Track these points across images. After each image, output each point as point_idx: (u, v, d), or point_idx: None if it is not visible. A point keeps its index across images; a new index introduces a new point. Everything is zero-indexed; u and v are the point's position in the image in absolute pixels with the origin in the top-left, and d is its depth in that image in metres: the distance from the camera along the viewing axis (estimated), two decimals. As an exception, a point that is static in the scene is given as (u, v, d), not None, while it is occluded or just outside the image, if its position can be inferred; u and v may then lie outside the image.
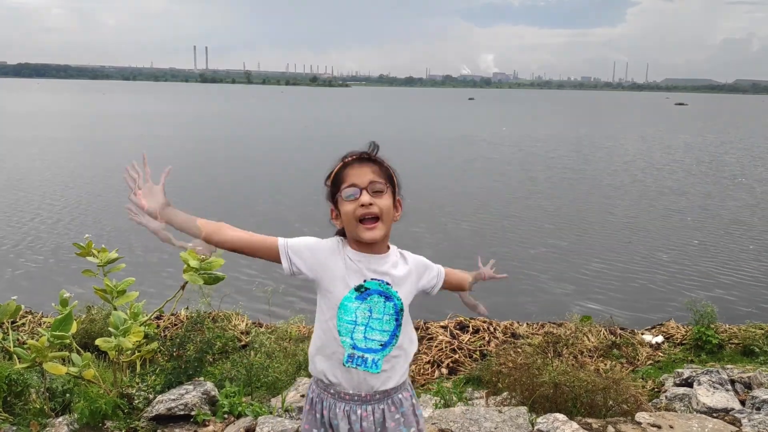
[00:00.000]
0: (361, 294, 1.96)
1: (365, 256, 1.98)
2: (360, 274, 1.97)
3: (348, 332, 1.96)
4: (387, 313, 1.98)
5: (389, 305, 1.98)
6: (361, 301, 1.96)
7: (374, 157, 2.01)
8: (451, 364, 6.70)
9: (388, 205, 1.96)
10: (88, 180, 19.65)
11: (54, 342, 3.25)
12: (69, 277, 10.01)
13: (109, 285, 3.79)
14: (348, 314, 1.96)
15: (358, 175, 1.95)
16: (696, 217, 15.88)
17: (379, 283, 1.97)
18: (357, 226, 1.93)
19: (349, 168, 1.97)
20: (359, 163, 1.98)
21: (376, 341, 1.97)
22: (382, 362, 1.98)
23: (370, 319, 1.97)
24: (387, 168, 2.01)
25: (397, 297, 1.99)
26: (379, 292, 1.97)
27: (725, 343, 7.01)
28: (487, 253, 12.14)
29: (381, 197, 1.94)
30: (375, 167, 1.98)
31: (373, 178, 1.95)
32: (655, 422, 3.69)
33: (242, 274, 10.18)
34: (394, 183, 2.03)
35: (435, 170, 23.46)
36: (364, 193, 1.92)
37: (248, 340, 6.38)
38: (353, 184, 1.94)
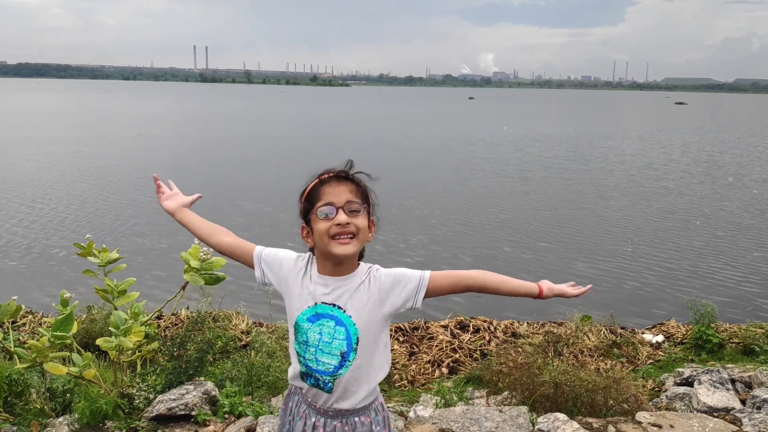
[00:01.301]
0: (313, 317, 1.96)
1: (325, 278, 1.97)
2: (313, 297, 1.97)
3: (302, 351, 1.99)
4: (337, 338, 1.95)
5: (340, 330, 1.95)
6: (312, 323, 1.96)
7: (352, 176, 1.97)
8: (452, 364, 6.70)
9: (364, 225, 1.94)
10: (89, 180, 19.66)
11: (55, 342, 3.25)
12: (69, 277, 10.02)
13: (110, 285, 3.79)
14: (301, 334, 1.98)
15: (335, 194, 1.92)
16: (697, 217, 15.88)
17: (330, 308, 1.95)
18: (329, 243, 1.90)
19: (325, 186, 1.94)
20: (336, 181, 1.94)
21: (327, 364, 1.96)
22: (332, 384, 1.97)
23: (321, 342, 1.96)
24: (364, 188, 1.99)
25: (350, 323, 1.95)
26: (330, 317, 1.95)
27: (726, 343, 7.01)
28: (485, 251, 12.17)
29: (357, 217, 1.92)
30: (352, 186, 1.95)
31: (351, 198, 1.92)
32: (656, 422, 3.69)
33: (242, 274, 10.16)
34: (369, 203, 2.00)
35: (435, 169, 23.47)
36: (340, 213, 1.90)
37: (249, 339, 6.38)
38: (330, 203, 1.91)
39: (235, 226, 12.39)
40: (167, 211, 2.32)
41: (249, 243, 2.15)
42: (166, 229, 13.54)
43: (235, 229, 2.21)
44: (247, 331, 7.13)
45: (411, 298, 1.98)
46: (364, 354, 1.96)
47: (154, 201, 2.33)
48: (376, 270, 2.01)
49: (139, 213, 15.07)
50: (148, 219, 14.49)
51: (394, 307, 1.99)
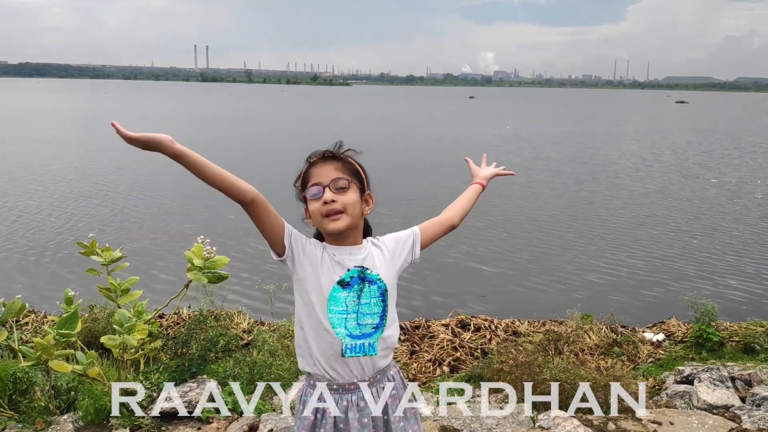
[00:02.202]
0: (347, 283, 2.03)
1: (342, 248, 2.05)
2: (341, 266, 2.03)
3: (341, 322, 2.01)
4: (373, 297, 2.04)
5: (373, 288, 2.05)
6: (348, 291, 2.02)
7: (337, 154, 2.05)
8: (453, 362, 6.72)
9: (352, 200, 2.00)
10: (92, 179, 19.69)
11: (60, 340, 3.27)
12: (71, 276, 10.05)
13: (113, 284, 3.82)
14: (338, 305, 2.01)
15: (322, 173, 2.01)
16: (698, 215, 15.89)
17: (359, 270, 2.04)
18: (323, 221, 2.00)
19: (314, 167, 2.03)
20: (323, 161, 2.03)
21: (369, 325, 2.04)
22: (377, 344, 2.05)
23: (360, 305, 2.03)
24: (351, 164, 2.06)
25: (378, 279, 2.06)
26: (361, 278, 2.04)
27: (726, 341, 7.03)
28: (487, 251, 12.19)
29: (344, 193, 1.99)
30: (338, 164, 2.02)
31: (336, 175, 2.00)
32: (656, 419, 3.72)
33: (244, 273, 10.21)
34: (362, 178, 2.08)
35: (437, 168, 23.51)
36: (326, 191, 1.98)
37: (250, 338, 6.40)
38: (317, 183, 2.00)
39: (232, 226, 12.21)
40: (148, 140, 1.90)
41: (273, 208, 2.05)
42: (169, 228, 13.58)
43: (238, 230, 2.21)
44: (248, 330, 7.15)
45: (411, 252, 2.19)
46: (391, 308, 2.10)
47: (158, 199, 2.30)
48: (376, 239, 2.16)
49: (142, 212, 15.10)
50: (151, 218, 14.53)
51: (402, 263, 2.16)
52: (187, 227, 13.57)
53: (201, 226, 13.20)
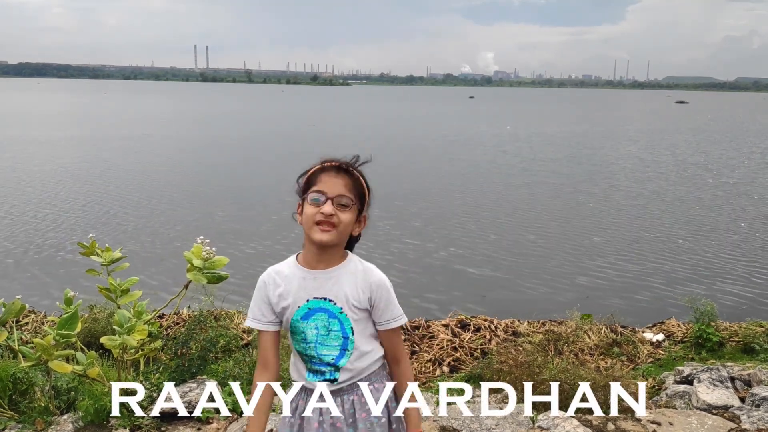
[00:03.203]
0: (306, 314, 2.02)
1: (313, 272, 2.02)
2: (305, 293, 2.02)
3: (303, 350, 2.05)
4: (332, 330, 2.02)
5: (334, 322, 2.02)
6: (306, 321, 2.02)
7: (351, 170, 2.00)
8: (453, 363, 6.72)
9: (348, 220, 1.96)
10: (91, 179, 19.70)
11: (60, 340, 3.28)
12: (71, 276, 10.05)
13: (113, 284, 3.82)
14: (299, 333, 2.04)
15: (330, 184, 1.96)
16: (696, 216, 15.90)
17: (321, 302, 2.01)
18: (312, 227, 1.95)
19: (324, 174, 1.98)
20: (335, 172, 1.98)
21: (328, 355, 2.03)
22: (339, 374, 2.05)
23: (318, 336, 2.02)
24: (360, 185, 2.01)
25: (341, 313, 2.02)
26: (322, 310, 2.01)
27: (726, 341, 7.02)
28: (487, 251, 12.18)
29: (344, 211, 1.95)
30: (349, 181, 1.98)
31: (343, 192, 1.96)
32: (655, 419, 3.72)
33: (244, 273, 10.21)
34: (364, 200, 2.03)
35: (437, 168, 23.53)
36: (328, 203, 1.93)
37: (250, 338, 6.40)
38: (321, 191, 1.95)
39: (230, 225, 12.18)
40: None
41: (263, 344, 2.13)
42: (169, 229, 13.59)
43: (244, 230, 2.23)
44: (248, 330, 7.15)
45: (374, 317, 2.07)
46: (361, 340, 2.05)
47: (158, 200, 2.33)
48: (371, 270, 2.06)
49: (143, 212, 15.11)
50: (151, 218, 14.54)
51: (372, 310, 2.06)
52: (187, 228, 13.58)
53: (201, 227, 13.21)
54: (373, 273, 2.06)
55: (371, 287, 2.03)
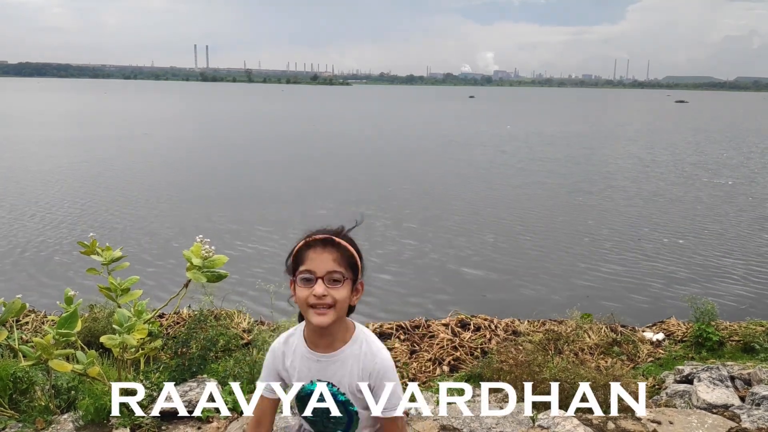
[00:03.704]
0: (310, 392, 2.00)
1: (316, 354, 1.97)
2: (309, 374, 1.99)
3: (310, 419, 2.07)
4: (336, 413, 2.01)
5: (339, 406, 2.00)
6: (311, 398, 2.02)
7: (338, 242, 1.89)
8: (453, 362, 6.72)
9: (343, 296, 1.87)
10: (91, 179, 19.70)
11: (60, 339, 3.28)
12: (71, 276, 10.06)
13: (114, 283, 3.82)
14: (304, 406, 2.04)
15: (317, 261, 1.86)
16: (697, 215, 15.90)
17: (325, 384, 1.99)
18: (308, 311, 1.88)
19: (310, 250, 1.88)
20: (322, 247, 1.87)
21: (334, 429, 2.05)
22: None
23: (323, 413, 2.02)
24: (350, 254, 1.90)
25: (347, 401, 1.99)
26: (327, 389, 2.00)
27: (726, 340, 7.02)
28: (487, 250, 12.18)
29: (337, 287, 1.86)
30: (337, 254, 1.87)
31: (332, 268, 1.86)
32: (655, 418, 3.72)
33: (244, 272, 10.21)
34: (358, 269, 1.93)
35: (436, 168, 23.53)
36: (319, 283, 1.84)
37: (250, 338, 6.40)
38: (310, 271, 1.86)
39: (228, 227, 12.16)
40: None
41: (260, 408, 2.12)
42: (169, 228, 13.59)
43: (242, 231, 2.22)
44: (248, 330, 7.15)
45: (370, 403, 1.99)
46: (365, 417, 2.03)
47: (159, 199, 2.32)
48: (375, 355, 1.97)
49: (143, 211, 15.11)
50: (152, 217, 14.53)
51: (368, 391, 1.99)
52: (188, 227, 13.58)
53: (202, 226, 13.21)
54: (376, 358, 1.97)
55: (371, 375, 1.95)
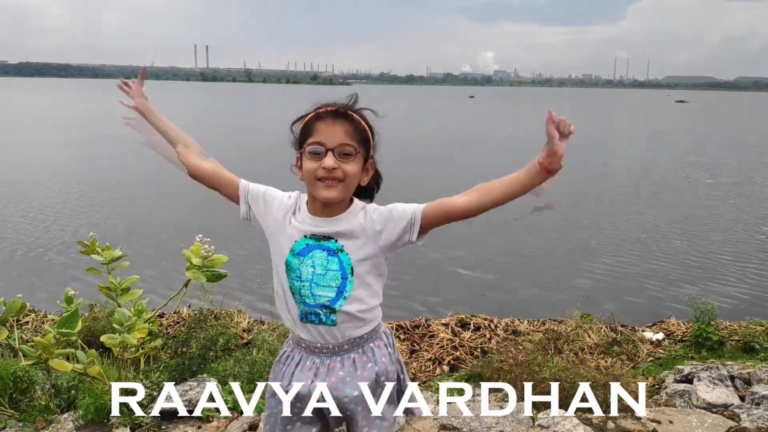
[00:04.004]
0: (303, 249, 1.87)
1: (316, 219, 1.88)
2: (303, 230, 1.88)
3: (297, 289, 1.89)
4: (330, 269, 1.86)
5: (333, 260, 1.86)
6: (303, 257, 1.87)
7: (351, 114, 1.82)
8: (453, 362, 6.73)
9: (354, 171, 1.81)
10: (92, 178, 19.70)
11: (60, 339, 3.28)
12: (71, 275, 10.06)
13: (114, 282, 3.83)
14: (293, 271, 1.89)
15: (328, 133, 1.78)
16: (697, 215, 15.90)
17: (320, 238, 1.86)
18: (315, 184, 1.81)
19: (320, 122, 1.80)
20: (333, 118, 1.79)
21: (324, 297, 1.87)
22: (335, 316, 1.89)
23: (314, 275, 1.86)
24: (363, 128, 1.83)
25: (341, 251, 1.86)
26: (321, 248, 1.86)
27: (726, 340, 7.03)
28: (487, 250, 12.19)
29: (348, 161, 1.79)
30: (349, 127, 1.80)
31: (344, 140, 1.78)
32: (655, 417, 3.72)
33: (245, 271, 10.22)
34: (369, 145, 1.86)
35: (436, 167, 23.53)
36: (329, 156, 1.77)
37: (250, 337, 6.41)
38: (320, 142, 1.78)
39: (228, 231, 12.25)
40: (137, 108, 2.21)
41: (229, 173, 2.05)
42: (170, 228, 13.59)
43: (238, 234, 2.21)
44: (248, 329, 7.16)
45: (406, 233, 1.87)
46: (361, 283, 1.89)
47: (159, 198, 2.32)
48: (372, 210, 1.90)
49: (144, 210, 15.11)
50: (152, 216, 14.54)
51: (390, 242, 1.88)
52: (188, 226, 13.57)
53: (202, 225, 13.18)
54: (380, 207, 1.91)
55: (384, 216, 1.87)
